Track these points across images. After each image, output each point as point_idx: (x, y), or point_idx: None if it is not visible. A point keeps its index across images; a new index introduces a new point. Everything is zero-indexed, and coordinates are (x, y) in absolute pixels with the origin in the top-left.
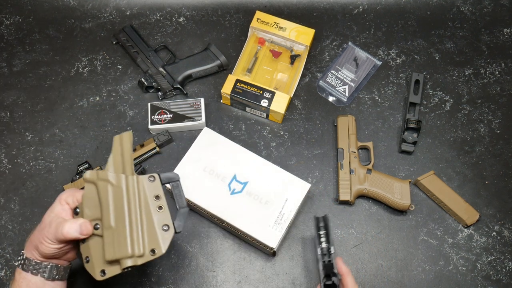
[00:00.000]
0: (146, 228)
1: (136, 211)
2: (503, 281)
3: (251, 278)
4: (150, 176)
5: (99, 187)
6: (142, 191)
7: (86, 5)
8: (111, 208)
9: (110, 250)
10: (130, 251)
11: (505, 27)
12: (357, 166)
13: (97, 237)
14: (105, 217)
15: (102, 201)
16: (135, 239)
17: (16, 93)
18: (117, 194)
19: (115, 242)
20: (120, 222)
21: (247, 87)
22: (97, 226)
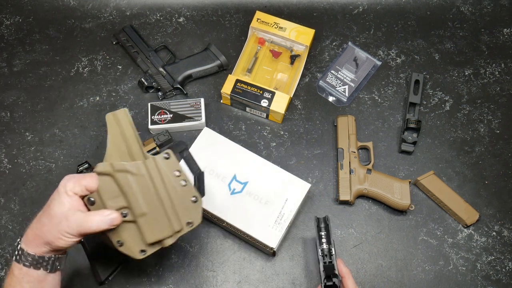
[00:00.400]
0: (177, 204)
1: (164, 192)
2: (503, 281)
3: (251, 278)
4: (165, 154)
5: (119, 179)
6: (163, 171)
7: (86, 5)
8: (139, 196)
9: (150, 234)
10: (171, 231)
11: (505, 27)
12: (357, 166)
13: (127, 223)
14: (136, 206)
15: (127, 192)
16: (171, 218)
17: (16, 93)
18: (141, 181)
19: (153, 226)
20: (153, 207)
21: (247, 87)
22: (125, 214)
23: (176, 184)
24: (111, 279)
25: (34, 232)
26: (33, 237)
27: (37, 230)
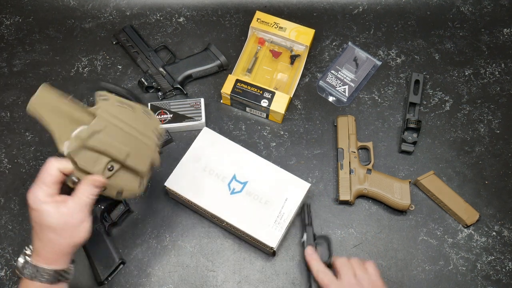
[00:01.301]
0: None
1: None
2: (503, 281)
3: (251, 278)
4: (101, 97)
5: (90, 144)
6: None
7: (86, 5)
8: (115, 143)
9: (141, 164)
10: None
11: (505, 27)
12: (357, 166)
13: (117, 172)
14: (117, 154)
15: (103, 149)
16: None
17: (16, 93)
18: (108, 131)
19: (140, 156)
20: (130, 143)
21: (247, 87)
22: (110, 167)
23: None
24: (111, 279)
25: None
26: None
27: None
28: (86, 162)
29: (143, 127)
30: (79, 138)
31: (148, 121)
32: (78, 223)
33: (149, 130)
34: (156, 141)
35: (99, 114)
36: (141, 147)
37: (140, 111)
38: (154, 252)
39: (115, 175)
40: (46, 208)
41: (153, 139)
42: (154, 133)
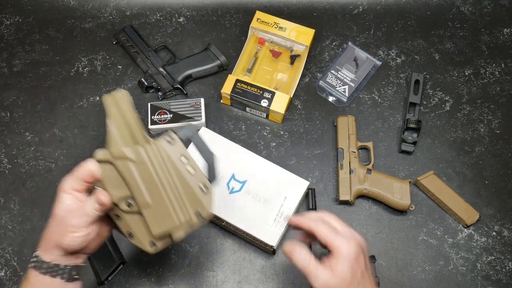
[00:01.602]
0: (184, 194)
1: (168, 180)
2: (503, 281)
3: (251, 278)
4: (167, 137)
5: (120, 167)
6: (166, 157)
7: (86, 5)
8: (141, 185)
9: (155, 225)
10: (176, 221)
11: (505, 27)
12: (357, 166)
13: (133, 214)
14: (139, 196)
15: (129, 181)
16: (176, 207)
17: (16, 93)
18: (143, 170)
19: (158, 217)
20: (157, 197)
21: (247, 87)
22: (130, 203)
23: (183, 170)
24: (111, 279)
25: (44, 237)
26: (44, 243)
27: (47, 234)
28: (108, 179)
29: (186, 197)
30: (110, 153)
31: (198, 198)
32: (72, 226)
33: (192, 205)
34: (191, 221)
35: (147, 148)
36: (165, 209)
37: (196, 181)
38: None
39: (131, 216)
40: (62, 196)
41: (189, 217)
42: (195, 213)
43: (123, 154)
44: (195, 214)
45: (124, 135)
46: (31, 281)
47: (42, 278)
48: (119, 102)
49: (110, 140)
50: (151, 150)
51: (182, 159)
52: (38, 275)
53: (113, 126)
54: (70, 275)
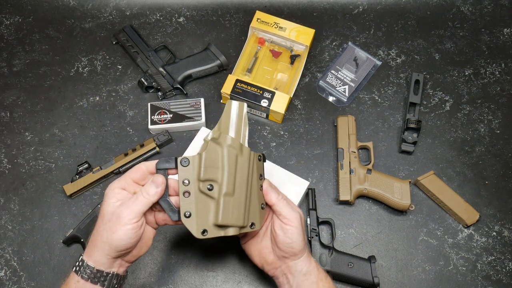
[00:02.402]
0: (252, 202)
1: (251, 185)
2: (503, 281)
3: (251, 278)
4: (259, 156)
5: (228, 153)
6: (255, 168)
7: (86, 5)
8: (236, 176)
9: (225, 215)
10: (242, 222)
11: (505, 27)
12: (357, 166)
13: (206, 197)
14: (229, 183)
15: (228, 168)
16: (247, 211)
17: (16, 93)
18: (243, 166)
19: (231, 209)
20: (240, 193)
21: (247, 87)
22: (210, 187)
23: (258, 185)
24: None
25: (91, 241)
26: (91, 246)
27: (93, 237)
28: (209, 157)
29: (252, 206)
30: (229, 140)
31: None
32: (123, 218)
33: (252, 216)
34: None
35: (251, 154)
36: (241, 205)
37: (261, 199)
38: (154, 252)
39: (202, 197)
40: (108, 195)
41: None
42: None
43: (238, 146)
44: (251, 224)
45: (238, 132)
46: (71, 286)
47: (82, 284)
48: (240, 110)
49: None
50: (252, 155)
51: (260, 176)
52: (79, 280)
53: (234, 122)
54: (110, 283)
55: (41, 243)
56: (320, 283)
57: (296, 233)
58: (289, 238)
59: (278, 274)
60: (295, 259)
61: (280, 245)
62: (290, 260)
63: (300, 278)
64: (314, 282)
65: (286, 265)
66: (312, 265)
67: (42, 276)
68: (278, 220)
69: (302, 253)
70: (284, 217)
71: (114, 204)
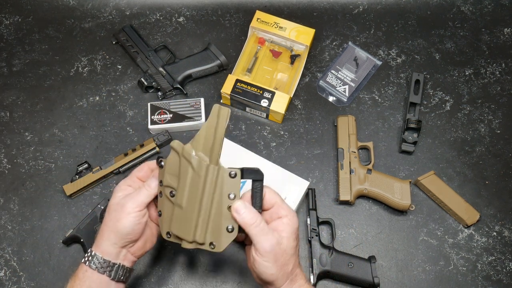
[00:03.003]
0: (212, 221)
1: (207, 203)
2: (504, 281)
3: (251, 278)
4: (232, 171)
5: (181, 164)
6: (219, 185)
7: (86, 5)
8: (186, 190)
9: (175, 225)
10: (191, 237)
11: (505, 27)
12: (357, 166)
13: (170, 202)
14: (179, 195)
15: (180, 179)
16: (199, 228)
17: (16, 93)
18: (195, 180)
19: (181, 222)
20: (191, 207)
21: (247, 87)
22: (173, 194)
23: (224, 204)
24: None
25: (99, 232)
26: (99, 236)
27: (101, 228)
28: (170, 164)
29: (212, 225)
30: (182, 149)
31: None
32: (125, 210)
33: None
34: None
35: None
36: (190, 220)
37: (229, 220)
38: (154, 252)
39: (168, 202)
40: (116, 191)
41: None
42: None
43: (189, 158)
44: (209, 243)
45: (206, 143)
46: (79, 276)
47: (90, 274)
48: (220, 117)
49: (195, 138)
50: (212, 170)
51: (231, 195)
52: (87, 270)
53: (204, 131)
54: (116, 274)
55: (41, 243)
56: None
57: (264, 266)
58: (257, 268)
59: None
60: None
61: (252, 271)
62: (267, 286)
63: None
64: None
65: None
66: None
67: (42, 276)
68: (252, 245)
69: (277, 284)
70: (254, 245)
71: (119, 197)
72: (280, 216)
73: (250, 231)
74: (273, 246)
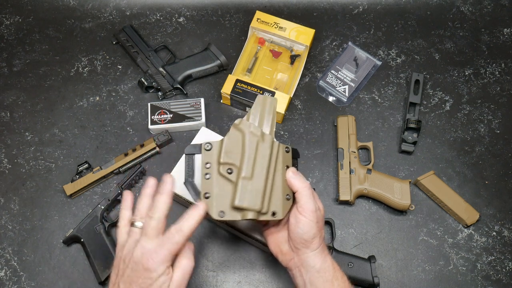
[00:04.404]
0: (275, 191)
1: (273, 173)
2: (503, 281)
3: (251, 278)
4: (286, 148)
5: (248, 139)
6: (280, 158)
7: (86, 5)
8: (257, 161)
9: (242, 197)
10: (259, 206)
11: (505, 27)
12: (357, 166)
13: (225, 180)
14: (247, 168)
15: (248, 153)
16: (266, 197)
17: (16, 93)
18: (264, 152)
19: (249, 192)
20: (259, 178)
21: (247, 87)
22: (230, 171)
23: (283, 175)
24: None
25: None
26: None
27: None
28: (229, 145)
29: (274, 194)
30: (249, 126)
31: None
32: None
33: (275, 204)
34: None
35: (274, 143)
36: (259, 190)
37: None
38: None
39: (222, 180)
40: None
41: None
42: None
43: (259, 133)
44: (272, 212)
45: (263, 122)
46: None
47: None
48: (271, 103)
49: (251, 118)
50: (276, 145)
51: (285, 168)
52: None
53: (259, 112)
54: None
55: (41, 243)
56: (335, 282)
57: (307, 225)
58: (300, 228)
59: (291, 266)
60: (307, 251)
61: (291, 234)
62: (302, 252)
63: (314, 274)
64: (329, 280)
65: (299, 258)
66: (327, 263)
67: (42, 276)
68: (295, 208)
69: (314, 246)
70: (300, 206)
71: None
72: None
73: (302, 192)
74: (316, 208)
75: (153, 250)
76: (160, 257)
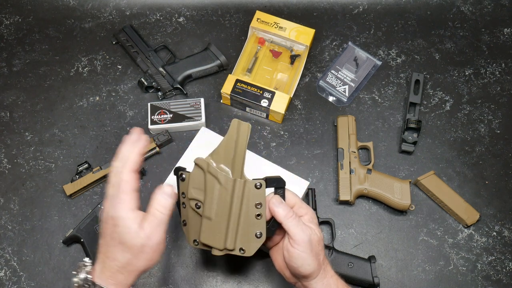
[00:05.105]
0: (241, 229)
1: (236, 214)
2: (503, 281)
3: (251, 278)
4: (257, 183)
5: (207, 179)
6: (246, 197)
7: (86, 5)
8: (214, 203)
9: (205, 236)
10: (222, 245)
11: (505, 27)
12: (357, 166)
13: (195, 213)
14: (207, 208)
15: (207, 193)
16: (229, 236)
17: (16, 93)
18: (222, 194)
19: (211, 232)
20: (220, 218)
21: (247, 87)
22: (198, 206)
23: (251, 213)
24: None
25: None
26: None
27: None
28: (194, 179)
29: (241, 232)
30: (208, 166)
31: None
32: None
33: (242, 241)
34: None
35: (236, 182)
36: (220, 231)
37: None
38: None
39: (194, 213)
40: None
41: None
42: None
43: (216, 174)
44: (239, 248)
45: (227, 156)
46: None
47: None
48: (240, 132)
49: (215, 151)
50: (238, 184)
51: (257, 205)
52: None
53: (224, 143)
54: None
55: (41, 243)
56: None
57: (301, 258)
58: (293, 262)
59: (297, 286)
60: (309, 280)
61: (288, 267)
62: (303, 281)
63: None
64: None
65: (301, 283)
66: (328, 279)
67: (42, 276)
68: (287, 239)
69: (314, 275)
70: (290, 238)
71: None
72: (302, 215)
73: (288, 223)
74: (309, 236)
75: (111, 196)
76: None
